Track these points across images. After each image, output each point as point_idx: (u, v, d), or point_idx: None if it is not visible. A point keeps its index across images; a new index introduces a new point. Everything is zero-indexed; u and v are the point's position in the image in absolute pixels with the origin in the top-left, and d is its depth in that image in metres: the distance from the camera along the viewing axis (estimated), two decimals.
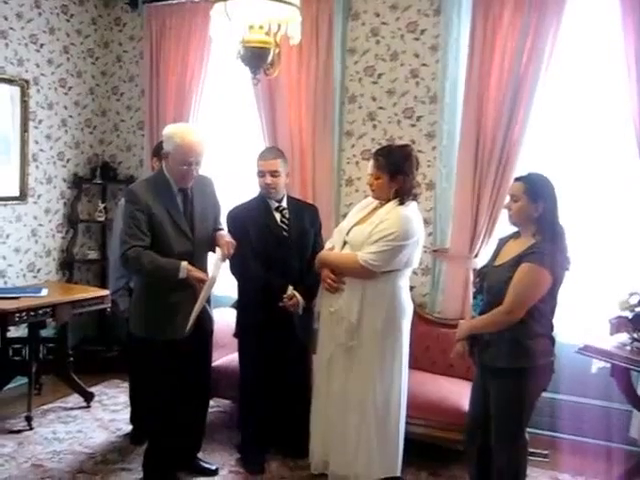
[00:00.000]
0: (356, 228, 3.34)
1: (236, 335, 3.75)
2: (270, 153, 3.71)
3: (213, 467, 3.63)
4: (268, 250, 3.55)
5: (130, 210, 3.14)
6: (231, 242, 3.26)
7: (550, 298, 2.83)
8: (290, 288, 3.51)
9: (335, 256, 3.35)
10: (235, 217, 3.62)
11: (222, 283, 4.20)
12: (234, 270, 3.60)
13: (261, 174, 3.60)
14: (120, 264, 3.28)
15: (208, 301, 3.33)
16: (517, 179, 2.96)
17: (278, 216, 3.64)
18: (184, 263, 3.08)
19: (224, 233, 3.37)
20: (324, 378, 3.41)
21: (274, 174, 3.56)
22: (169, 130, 3.21)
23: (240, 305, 3.75)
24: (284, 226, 3.63)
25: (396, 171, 3.24)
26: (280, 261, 3.56)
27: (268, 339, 3.51)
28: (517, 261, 2.81)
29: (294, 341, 3.54)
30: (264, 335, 3.52)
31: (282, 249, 3.58)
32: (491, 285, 2.92)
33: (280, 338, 3.51)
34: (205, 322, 3.32)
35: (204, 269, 3.26)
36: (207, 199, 3.35)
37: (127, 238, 3.10)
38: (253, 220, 3.58)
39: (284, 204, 3.67)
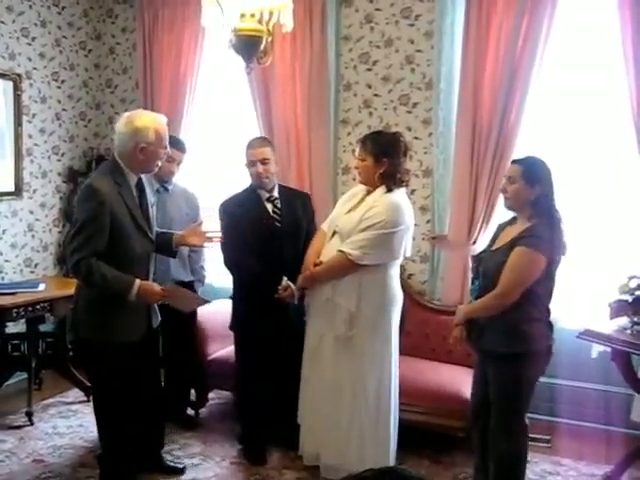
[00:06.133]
0: (345, 216, 3.33)
1: (231, 327, 3.73)
2: (257, 142, 3.66)
3: (180, 466, 3.54)
4: (261, 241, 3.51)
5: (90, 211, 2.84)
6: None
7: (546, 281, 2.81)
8: (285, 279, 3.47)
9: (322, 268, 3.28)
10: (227, 209, 3.59)
11: (219, 275, 4.24)
12: (227, 262, 3.58)
13: (251, 164, 3.56)
14: (71, 272, 3.00)
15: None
16: (514, 162, 2.96)
17: (270, 206, 3.61)
18: (135, 288, 2.89)
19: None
20: (311, 367, 3.38)
21: (264, 162, 3.53)
22: (139, 122, 2.91)
23: (235, 297, 3.71)
24: (276, 216, 3.60)
25: (381, 154, 3.23)
26: (273, 252, 3.51)
27: (264, 330, 3.49)
28: (511, 245, 2.80)
29: (290, 332, 3.51)
30: (259, 327, 3.50)
31: (275, 240, 3.54)
32: (486, 269, 2.91)
33: (276, 329, 3.48)
34: (153, 319, 3.19)
35: (156, 269, 3.21)
36: (149, 195, 3.21)
37: (77, 245, 2.83)
38: (245, 211, 3.54)
39: (275, 194, 3.64)
